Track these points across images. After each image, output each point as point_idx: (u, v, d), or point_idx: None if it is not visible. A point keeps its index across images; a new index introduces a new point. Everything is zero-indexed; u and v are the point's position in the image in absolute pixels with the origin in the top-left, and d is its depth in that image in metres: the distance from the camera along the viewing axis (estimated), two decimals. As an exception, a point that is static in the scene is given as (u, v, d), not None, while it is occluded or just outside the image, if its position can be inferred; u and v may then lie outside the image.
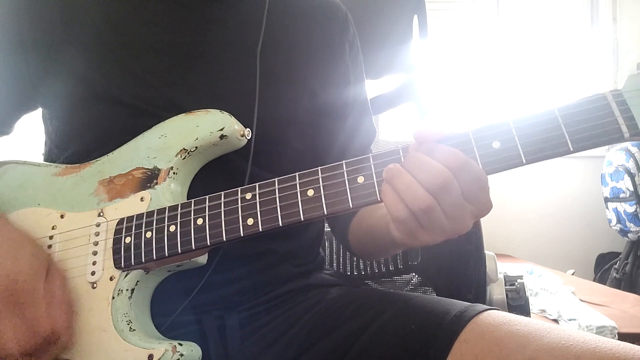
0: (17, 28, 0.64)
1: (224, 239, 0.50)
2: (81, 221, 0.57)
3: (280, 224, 0.49)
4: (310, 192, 0.49)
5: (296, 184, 0.50)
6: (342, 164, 0.48)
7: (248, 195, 0.51)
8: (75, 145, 0.63)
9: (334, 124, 0.72)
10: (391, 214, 0.45)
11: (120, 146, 0.60)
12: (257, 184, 0.51)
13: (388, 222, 0.47)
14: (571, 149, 0.42)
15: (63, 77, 0.62)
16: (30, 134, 0.80)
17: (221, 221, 0.51)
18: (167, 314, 0.57)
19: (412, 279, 0.95)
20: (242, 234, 0.50)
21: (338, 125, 0.72)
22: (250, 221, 0.50)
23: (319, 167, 0.49)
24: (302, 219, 0.48)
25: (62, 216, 0.58)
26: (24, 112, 0.70)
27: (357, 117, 0.75)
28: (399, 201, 0.44)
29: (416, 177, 0.43)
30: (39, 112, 0.71)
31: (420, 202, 0.43)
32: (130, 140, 0.59)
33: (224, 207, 0.51)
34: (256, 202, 0.50)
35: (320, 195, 0.48)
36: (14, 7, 0.64)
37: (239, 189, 0.52)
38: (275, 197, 0.50)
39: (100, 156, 0.60)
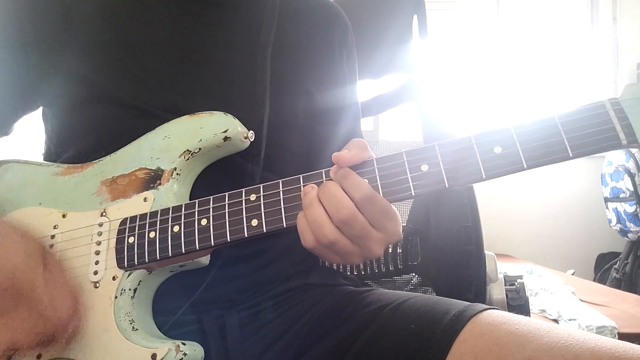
0: (19, 28, 0.64)
1: (228, 240, 0.50)
2: (83, 221, 0.57)
3: (285, 225, 0.49)
4: None
5: (300, 186, 0.50)
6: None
7: (252, 197, 0.51)
8: (75, 147, 0.63)
9: (328, 129, 0.72)
10: (302, 241, 0.49)
11: (121, 147, 0.59)
12: (261, 185, 0.51)
13: None
14: (570, 155, 0.43)
15: (64, 77, 0.62)
16: (30, 134, 0.80)
17: (225, 222, 0.51)
18: (167, 313, 0.58)
19: (412, 279, 0.95)
20: (246, 235, 0.50)
21: (332, 130, 0.73)
22: (254, 222, 0.50)
23: (323, 170, 0.50)
24: None
25: (63, 215, 0.58)
26: (24, 112, 0.69)
27: (351, 123, 0.76)
28: (309, 232, 0.48)
29: (326, 209, 0.47)
30: (39, 112, 0.70)
31: (324, 238, 0.47)
32: (132, 141, 0.59)
33: (228, 208, 0.51)
34: (260, 204, 0.51)
35: None
36: (16, 7, 0.64)
37: (243, 190, 0.52)
38: (280, 199, 0.50)
39: (102, 157, 0.60)
